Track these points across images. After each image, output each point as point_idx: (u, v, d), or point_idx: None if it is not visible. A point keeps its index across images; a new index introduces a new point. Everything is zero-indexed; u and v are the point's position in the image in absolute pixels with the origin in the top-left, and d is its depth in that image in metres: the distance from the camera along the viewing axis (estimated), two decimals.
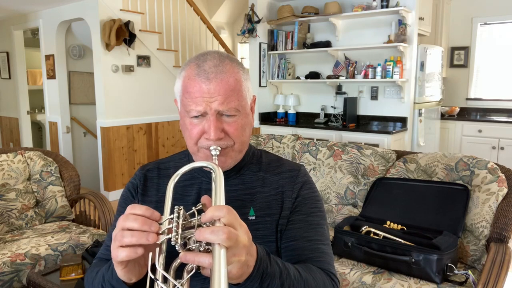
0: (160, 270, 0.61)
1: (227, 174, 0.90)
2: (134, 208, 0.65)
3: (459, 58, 5.31)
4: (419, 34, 4.10)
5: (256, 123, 4.73)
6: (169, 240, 0.63)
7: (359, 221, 2.13)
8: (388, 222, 2.07)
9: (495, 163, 2.07)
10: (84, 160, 5.47)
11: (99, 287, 0.78)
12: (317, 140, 3.11)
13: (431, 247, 1.78)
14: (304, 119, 4.85)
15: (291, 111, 4.86)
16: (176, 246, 0.62)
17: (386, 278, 1.82)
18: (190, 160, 0.95)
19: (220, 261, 0.56)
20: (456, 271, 1.77)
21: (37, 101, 6.63)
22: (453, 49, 5.33)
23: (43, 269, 2.11)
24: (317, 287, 0.77)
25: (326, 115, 4.61)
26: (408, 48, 3.98)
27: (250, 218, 0.88)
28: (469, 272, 1.78)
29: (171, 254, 0.65)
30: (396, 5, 3.92)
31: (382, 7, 3.97)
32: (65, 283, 1.83)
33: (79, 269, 1.86)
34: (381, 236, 1.95)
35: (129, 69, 4.60)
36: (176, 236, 0.62)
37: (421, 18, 4.10)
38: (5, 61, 6.02)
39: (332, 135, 4.17)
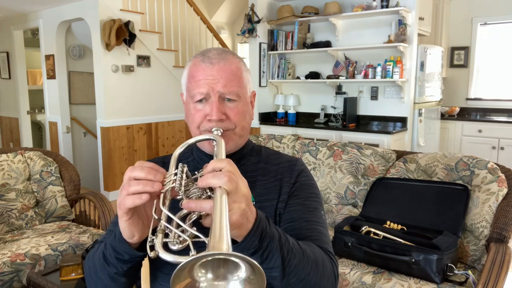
0: (165, 211, 0.63)
1: None
2: (141, 162, 0.70)
3: (459, 58, 5.31)
4: (419, 34, 4.10)
5: (256, 123, 4.73)
6: (173, 190, 0.66)
7: (359, 221, 2.13)
8: (388, 222, 2.07)
9: (495, 163, 2.07)
10: (84, 160, 5.47)
11: (100, 255, 0.78)
12: (317, 140, 3.11)
13: (431, 247, 1.78)
14: (304, 119, 4.85)
15: (291, 111, 4.86)
16: (180, 193, 0.65)
17: (386, 278, 1.82)
18: (194, 154, 0.99)
19: (222, 203, 0.58)
20: (456, 271, 1.77)
21: (37, 101, 6.63)
22: (453, 49, 5.33)
23: (43, 269, 2.11)
24: (316, 259, 0.77)
25: (326, 115, 4.61)
26: (408, 48, 3.98)
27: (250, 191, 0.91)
28: (469, 272, 1.78)
29: (174, 210, 0.66)
30: (396, 5, 3.92)
31: (382, 7, 3.97)
32: (65, 283, 1.83)
33: (79, 269, 1.86)
34: (381, 236, 1.95)
35: (129, 69, 4.60)
36: (180, 185, 0.65)
37: (421, 18, 4.10)
38: (5, 61, 6.02)
39: (332, 135, 4.17)
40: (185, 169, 0.69)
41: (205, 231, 0.59)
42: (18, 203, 2.57)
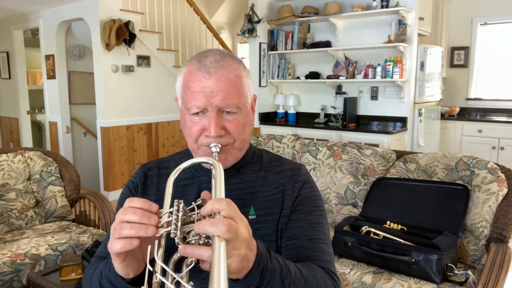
0: (159, 262, 0.61)
1: (227, 173, 0.90)
2: (133, 201, 0.65)
3: (459, 58, 5.31)
4: (419, 34, 4.10)
5: (256, 123, 4.73)
6: (168, 234, 0.62)
7: (359, 221, 2.13)
8: (388, 222, 2.07)
9: (495, 163, 2.07)
10: (84, 160, 5.47)
11: (97, 283, 0.77)
12: (317, 140, 3.11)
13: (431, 247, 1.78)
14: (304, 119, 4.85)
15: (291, 111, 4.86)
16: (176, 239, 0.61)
17: (386, 278, 1.82)
18: (190, 157, 0.94)
19: (220, 254, 0.55)
20: (456, 271, 1.77)
21: (37, 101, 6.63)
22: (453, 49, 5.33)
23: (43, 269, 2.11)
24: (318, 285, 0.76)
25: (326, 115, 4.61)
26: (408, 48, 3.98)
27: (251, 217, 0.88)
28: (469, 272, 1.78)
29: (170, 249, 0.64)
30: (396, 5, 3.92)
31: (382, 7, 3.97)
32: (65, 283, 1.83)
33: (79, 269, 1.86)
34: (381, 236, 1.95)
35: (129, 69, 4.60)
36: (176, 229, 0.61)
37: (421, 18, 4.10)
38: (5, 61, 6.02)
39: (332, 135, 4.17)
40: (181, 205, 0.64)
41: (204, 274, 0.58)
42: (18, 203, 2.57)
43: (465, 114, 5.25)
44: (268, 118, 4.92)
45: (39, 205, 2.69)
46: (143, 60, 4.76)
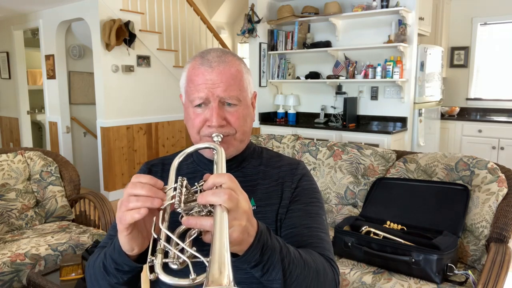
0: (164, 230, 0.62)
1: (228, 166, 0.91)
2: (140, 177, 0.68)
3: (459, 58, 5.31)
4: (419, 34, 4.10)
5: (256, 123, 4.73)
6: (172, 208, 0.65)
7: (359, 221, 2.13)
8: (388, 222, 2.07)
9: (495, 163, 2.07)
10: (84, 160, 5.47)
11: (100, 265, 0.78)
12: (317, 140, 3.11)
13: (431, 247, 1.78)
14: (304, 119, 4.85)
15: (291, 111, 4.86)
16: (179, 209, 0.64)
17: (386, 278, 1.82)
18: (193, 156, 0.98)
19: (222, 222, 0.57)
20: (456, 271, 1.77)
21: (37, 101, 6.63)
22: (453, 49, 5.33)
23: (43, 269, 2.11)
24: (317, 269, 0.77)
25: (326, 115, 4.61)
26: (408, 48, 3.98)
27: (252, 208, 0.89)
28: (469, 272, 1.78)
29: (174, 224, 0.66)
30: (396, 5, 3.92)
31: (382, 7, 3.97)
32: (65, 283, 1.83)
33: (79, 269, 1.86)
34: (381, 236, 1.95)
35: (129, 69, 4.60)
36: (179, 202, 0.64)
37: (421, 18, 4.10)
38: (5, 61, 6.02)
39: (332, 135, 4.17)
40: (185, 182, 0.68)
41: (206, 246, 0.59)
42: (18, 203, 2.57)
43: (465, 114, 5.25)
44: (268, 118, 4.92)
45: (39, 205, 2.69)
46: (143, 60, 4.76)
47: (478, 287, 1.58)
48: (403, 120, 4.14)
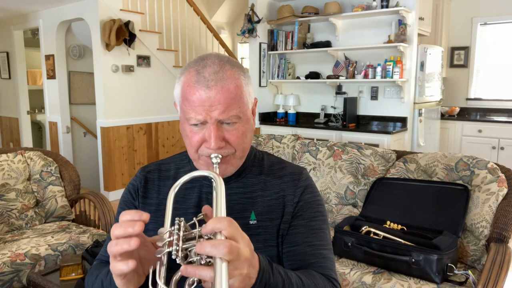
0: (161, 285, 0.61)
1: (228, 177, 0.90)
2: (124, 215, 0.65)
3: (459, 58, 5.31)
4: (419, 34, 4.10)
5: (256, 123, 4.71)
6: (169, 253, 0.62)
7: (359, 221, 2.13)
8: (388, 222, 2.07)
9: (495, 163, 2.07)
10: (84, 160, 5.47)
11: None
12: (317, 140, 3.11)
13: (431, 247, 1.78)
14: (304, 119, 4.85)
15: (291, 111, 4.86)
16: (177, 259, 0.61)
17: (386, 278, 1.82)
18: (191, 161, 0.94)
19: (222, 275, 0.56)
20: (456, 271, 1.77)
21: (37, 101, 6.63)
22: (453, 49, 5.33)
23: (43, 269, 2.11)
24: None
25: (326, 115, 4.61)
26: (408, 48, 3.98)
27: (251, 223, 0.87)
28: (469, 272, 1.78)
29: (172, 267, 0.64)
30: (396, 5, 3.92)
31: (382, 7, 3.97)
32: (65, 283, 1.83)
33: (79, 269, 1.86)
34: (381, 236, 1.95)
35: (129, 69, 4.60)
36: (177, 249, 0.61)
37: (421, 18, 4.10)
38: (5, 61, 6.02)
39: (332, 135, 4.17)
40: (182, 223, 0.65)
41: None
42: (18, 203, 2.57)
43: (465, 114, 5.25)
44: (268, 118, 4.92)
45: (39, 205, 2.69)
46: (143, 60, 4.76)
47: (478, 287, 1.58)
48: (403, 120, 4.14)
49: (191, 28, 5.51)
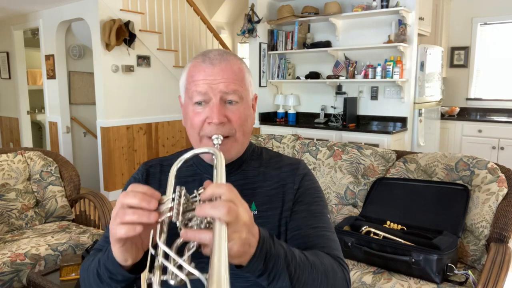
0: (162, 246, 0.61)
1: (228, 170, 0.91)
2: (136, 187, 0.65)
3: (459, 58, 5.31)
4: (419, 34, 4.10)
5: (256, 123, 4.72)
6: (170, 219, 0.62)
7: (359, 221, 2.13)
8: (388, 222, 2.07)
9: (495, 163, 2.07)
10: (84, 160, 5.47)
11: (94, 272, 0.77)
12: (317, 140, 3.11)
13: (431, 247, 1.78)
14: (304, 119, 4.85)
15: (291, 111, 4.86)
16: (177, 223, 0.62)
17: (386, 278, 1.82)
18: (193, 158, 0.95)
19: (221, 236, 0.56)
20: (456, 271, 1.77)
21: (37, 101, 6.63)
22: (453, 49, 5.33)
23: (43, 269, 2.11)
24: (325, 270, 0.75)
25: (326, 115, 4.61)
26: (408, 48, 3.98)
27: (252, 213, 0.88)
28: (469, 272, 1.78)
29: (172, 235, 0.64)
30: (396, 5, 3.92)
31: (382, 7, 3.97)
32: (65, 283, 1.83)
33: (79, 269, 1.86)
34: (381, 236, 1.95)
35: (129, 69, 4.60)
36: (177, 214, 0.62)
37: (421, 18, 4.10)
38: (5, 61, 6.02)
39: (332, 135, 4.17)
40: (183, 191, 0.65)
41: (206, 258, 0.58)
42: (18, 203, 2.57)
43: (465, 114, 5.25)
44: (268, 118, 4.92)
45: (39, 205, 2.69)
46: (143, 60, 4.76)
47: (478, 287, 1.58)
48: (403, 120, 4.14)
49: (191, 28, 5.51)
